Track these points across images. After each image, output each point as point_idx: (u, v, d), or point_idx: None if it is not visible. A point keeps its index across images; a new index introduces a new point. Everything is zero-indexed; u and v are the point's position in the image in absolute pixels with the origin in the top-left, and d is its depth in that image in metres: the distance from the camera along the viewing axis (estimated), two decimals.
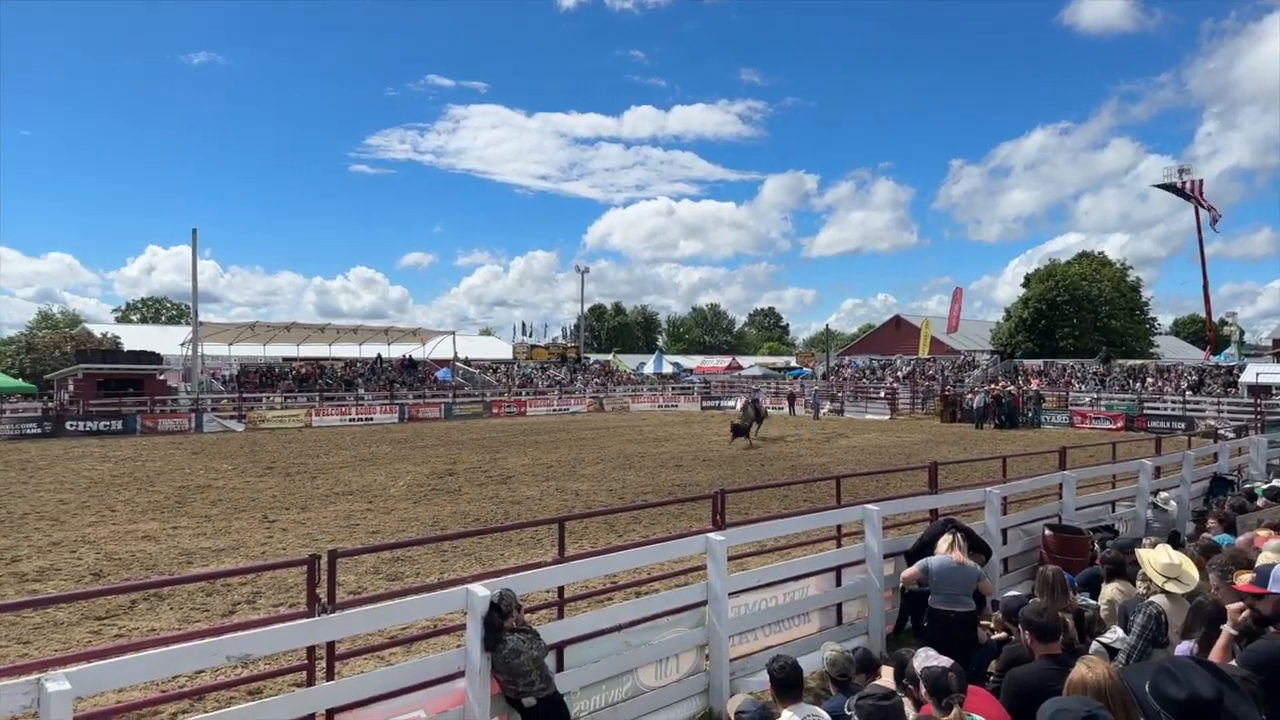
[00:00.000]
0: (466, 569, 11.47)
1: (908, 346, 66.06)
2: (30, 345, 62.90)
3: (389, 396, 45.30)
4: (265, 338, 49.71)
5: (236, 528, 14.59)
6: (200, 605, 9.83)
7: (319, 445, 30.01)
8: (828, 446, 28.88)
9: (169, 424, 36.21)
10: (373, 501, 17.37)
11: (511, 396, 49.35)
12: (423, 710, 5.17)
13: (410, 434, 34.81)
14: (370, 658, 7.40)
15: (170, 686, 6.85)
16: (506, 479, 20.60)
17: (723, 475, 20.85)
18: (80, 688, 3.84)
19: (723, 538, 7.03)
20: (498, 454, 26.36)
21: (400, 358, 53.94)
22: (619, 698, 6.42)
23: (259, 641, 4.42)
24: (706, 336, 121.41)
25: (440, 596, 5.36)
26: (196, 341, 42.58)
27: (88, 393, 39.15)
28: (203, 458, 25.99)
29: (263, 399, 42.10)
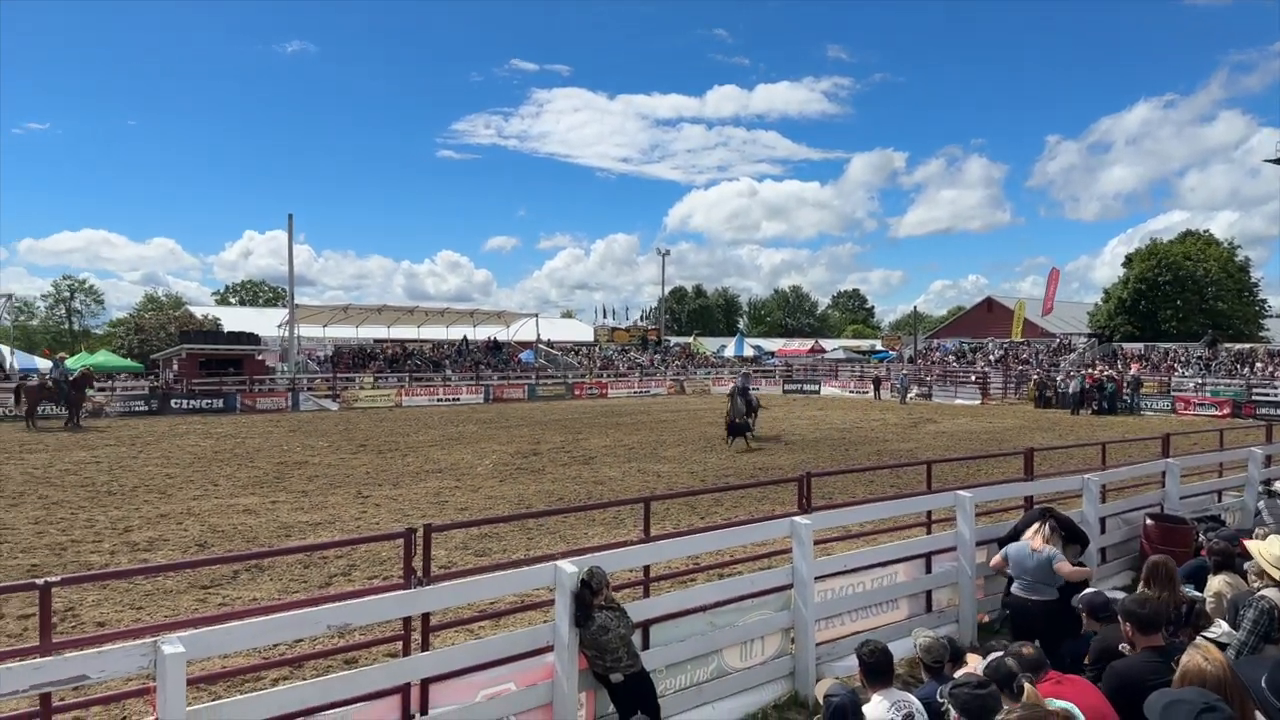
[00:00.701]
0: (551, 546, 11.63)
1: (1000, 329, 64.11)
2: (138, 326, 66.19)
3: (475, 377, 46.20)
4: (357, 320, 51.20)
5: (332, 503, 15.10)
6: (299, 577, 10.21)
7: (409, 424, 30.81)
8: (914, 431, 28.30)
9: (267, 403, 37.65)
10: (460, 479, 17.75)
11: (593, 378, 49.77)
12: (513, 683, 5.27)
13: (495, 414, 35.44)
14: (460, 630, 7.55)
15: (271, 654, 7.13)
16: (589, 459, 20.80)
17: (805, 459, 20.64)
18: (193, 651, 4.03)
19: (809, 521, 6.97)
20: (580, 435, 26.63)
21: (485, 340, 54.92)
22: (704, 678, 6.44)
23: (358, 611, 4.57)
24: (788, 319, 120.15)
25: (529, 572, 5.45)
26: (293, 323, 44.10)
27: (191, 372, 40.98)
28: (299, 435, 26.95)
29: (355, 379, 43.41)
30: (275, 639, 4.76)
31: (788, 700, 6.90)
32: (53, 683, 3.87)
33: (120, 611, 8.87)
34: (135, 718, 6.33)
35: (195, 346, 43.88)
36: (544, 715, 5.40)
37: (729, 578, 6.98)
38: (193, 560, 10.22)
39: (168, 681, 3.87)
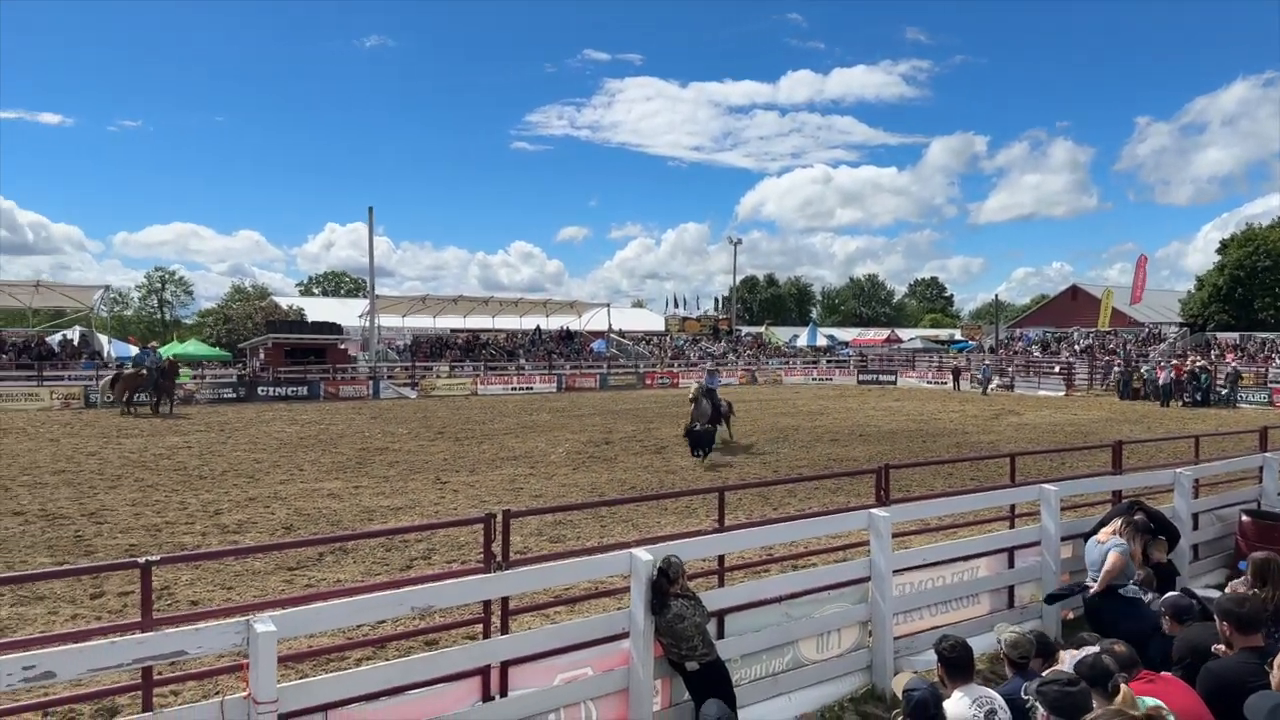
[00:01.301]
0: (624, 535, 11.70)
1: (1085, 318, 61.94)
2: (226, 316, 68.70)
3: (547, 366, 46.70)
4: (435, 310, 52.22)
5: (412, 488, 15.46)
6: (381, 560, 10.48)
7: (484, 412, 31.33)
8: (995, 423, 27.61)
9: (349, 390, 38.69)
10: (534, 467, 17.98)
11: (664, 368, 49.82)
12: (589, 667, 5.33)
13: (568, 403, 35.77)
14: (535, 615, 7.66)
15: (355, 634, 7.34)
16: (660, 449, 20.84)
17: (881, 451, 20.32)
18: (283, 630, 4.18)
19: (887, 514, 6.87)
20: (651, 424, 26.70)
21: (558, 329, 55.44)
22: (779, 668, 6.41)
23: (441, 594, 4.68)
24: (863, 308, 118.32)
25: (605, 559, 5.50)
26: (373, 313, 45.20)
27: (277, 360, 42.36)
28: (380, 422, 27.64)
29: (433, 368, 44.29)
30: (361, 619, 4.90)
31: (864, 694, 6.83)
32: (154, 657, 4.06)
33: (212, 591, 9.23)
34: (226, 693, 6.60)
35: (281, 336, 45.32)
36: (620, 701, 5.45)
37: (802, 569, 6.93)
38: (280, 542, 10.61)
39: (260, 658, 4.02)
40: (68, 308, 43.31)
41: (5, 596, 8.77)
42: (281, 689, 4.16)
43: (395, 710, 4.63)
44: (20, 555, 10.76)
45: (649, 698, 5.46)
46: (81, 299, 42.59)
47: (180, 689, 6.22)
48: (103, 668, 3.95)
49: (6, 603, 8.64)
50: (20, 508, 13.44)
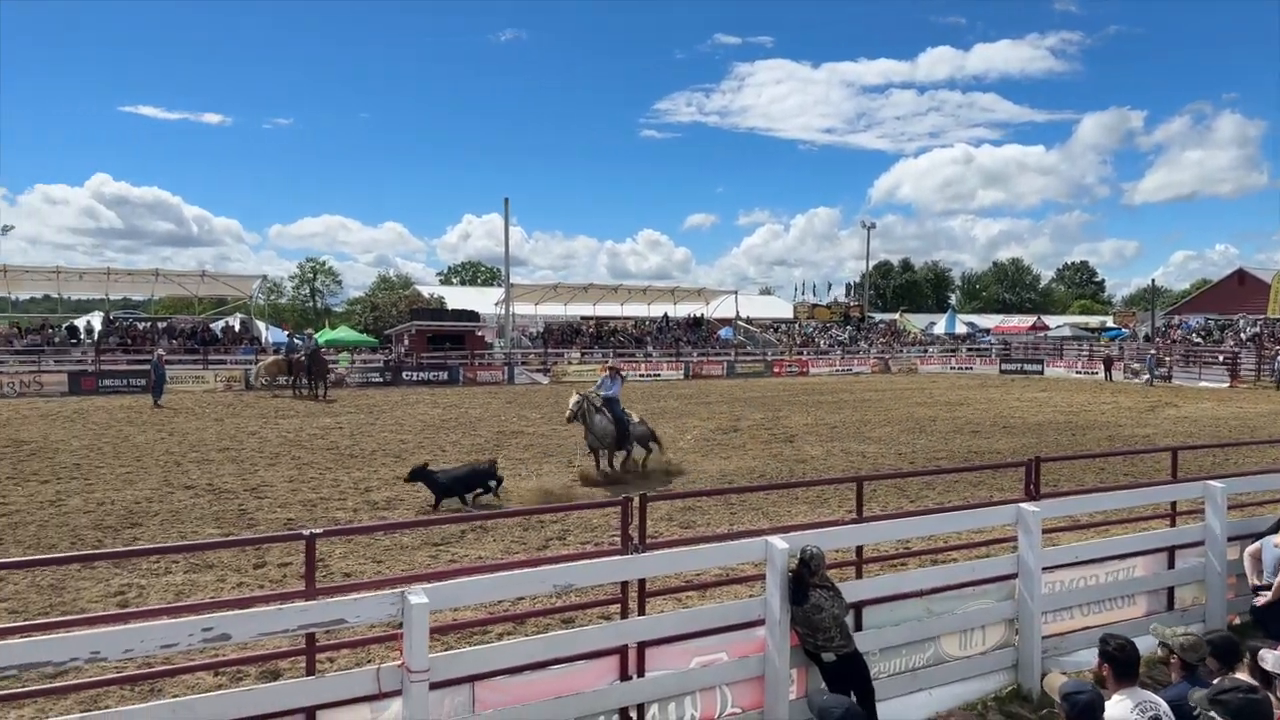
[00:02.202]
0: (754, 522, 11.64)
1: (1253, 305, 57.25)
2: (373, 305, 72.15)
3: (675, 354, 46.88)
4: (566, 298, 53.26)
5: (546, 470, 15.85)
6: (518, 539, 10.81)
7: None
8: (1151, 416, 25.95)
9: (486, 375, 39.97)
10: (663, 452, 18.08)
11: (793, 356, 49.18)
12: (725, 653, 5.34)
13: (695, 390, 35.82)
14: (667, 599, 7.73)
15: (495, 610, 7.59)
16: (790, 438, 20.60)
17: (1026, 444, 19.43)
18: (435, 602, 4.36)
19: (1037, 509, 6.57)
20: (780, 412, 26.42)
21: (685, 317, 55.53)
22: (920, 663, 6.25)
23: (581, 573, 4.78)
24: (1006, 294, 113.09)
25: (741, 545, 5.49)
26: (508, 301, 46.50)
27: (420, 346, 44.18)
28: (515, 406, 28.45)
29: (564, 354, 45.21)
30: (505, 595, 5.07)
31: (1009, 693, 6.58)
32: (317, 624, 4.31)
33: (363, 564, 9.74)
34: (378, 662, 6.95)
35: (423, 323, 47.23)
36: (755, 687, 5.44)
37: (942, 564, 6.73)
38: (426, 519, 11.09)
39: (414, 629, 4.21)
40: (229, 296, 46.44)
41: (179, 564, 9.51)
42: (432, 659, 4.35)
43: (537, 685, 4.77)
44: (191, 526, 11.65)
45: (785, 686, 5.43)
46: (241, 288, 45.59)
47: (335, 656, 6.58)
48: (271, 632, 4.23)
49: (180, 570, 9.37)
50: (190, 482, 14.54)
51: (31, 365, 33.18)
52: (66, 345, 36.84)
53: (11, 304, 44.09)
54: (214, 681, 6.40)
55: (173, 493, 13.64)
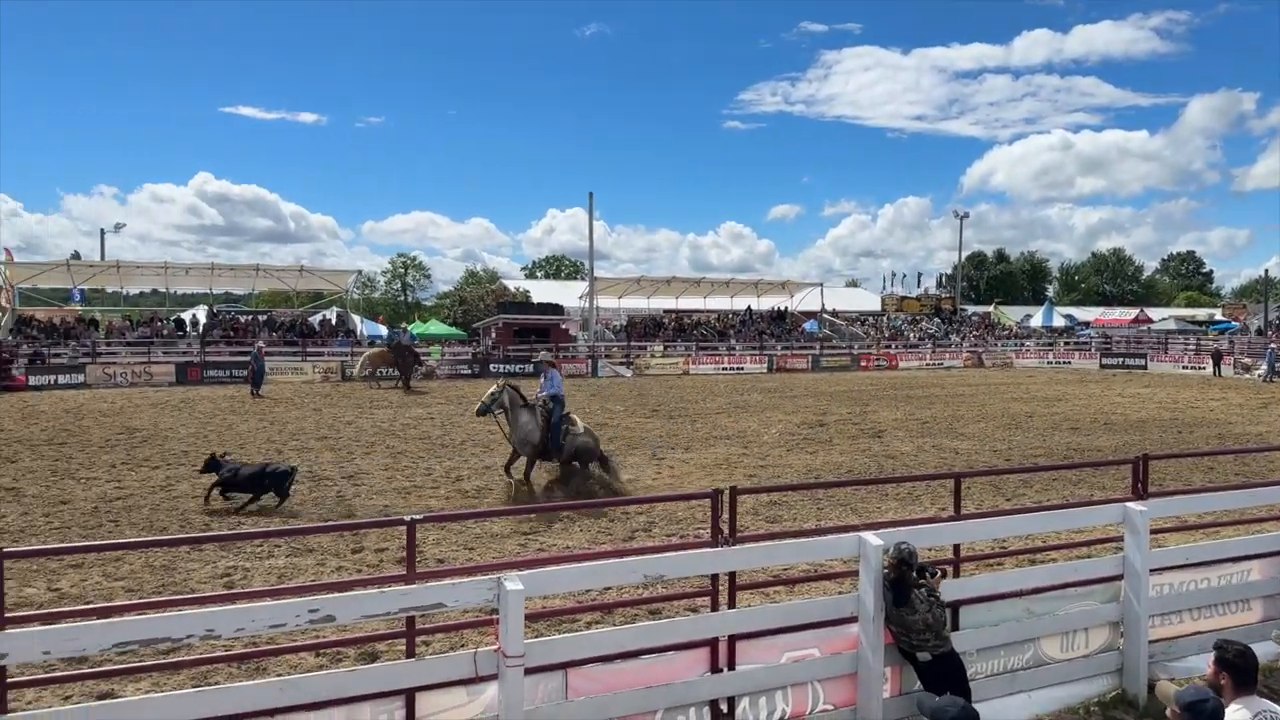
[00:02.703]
0: (842, 518, 11.48)
1: None
2: (461, 298, 73.63)
3: (758, 347, 46.54)
4: (649, 291, 53.41)
5: (630, 463, 15.93)
6: (604, 529, 10.89)
7: (696, 391, 31.71)
8: (1264, 414, 24.59)
9: (569, 368, 40.37)
10: (747, 447, 18.00)
11: (881, 349, 48.27)
12: (816, 649, 5.28)
13: (779, 384, 35.49)
14: (755, 593, 7.69)
15: (584, 598, 7.68)
16: (879, 433, 20.22)
17: (1129, 441, 18.65)
18: (529, 589, 4.43)
19: (1144, 509, 6.29)
20: (868, 407, 25.96)
21: (769, 309, 55.04)
22: (1019, 665, 6.06)
23: (672, 564, 4.79)
24: (1107, 285, 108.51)
25: (835, 540, 5.41)
26: (592, 295, 46.89)
27: (506, 339, 44.93)
28: (599, 399, 28.67)
29: (647, 347, 45.36)
30: (597, 584, 5.11)
31: (1113, 698, 6.34)
32: (416, 608, 4.43)
33: (455, 550, 9.96)
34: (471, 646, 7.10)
35: (510, 316, 48.02)
36: (848, 684, 5.37)
37: (1041, 564, 6.52)
38: (519, 508, 11.30)
39: (509, 615, 4.29)
40: (325, 290, 48.02)
41: (281, 547, 9.88)
42: (527, 645, 4.42)
43: (628, 674, 4.80)
44: (292, 511, 12.10)
45: (878, 684, 5.34)
46: (337, 282, 47.11)
47: (430, 640, 6.75)
48: (373, 615, 4.36)
49: (283, 553, 9.74)
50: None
51: (142, 356, 34.92)
52: (174, 337, 38.66)
53: (123, 298, 46.48)
54: (315, 662, 6.64)
55: None
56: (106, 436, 18.84)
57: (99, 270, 42.15)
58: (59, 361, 32.74)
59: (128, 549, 9.10)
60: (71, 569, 8.99)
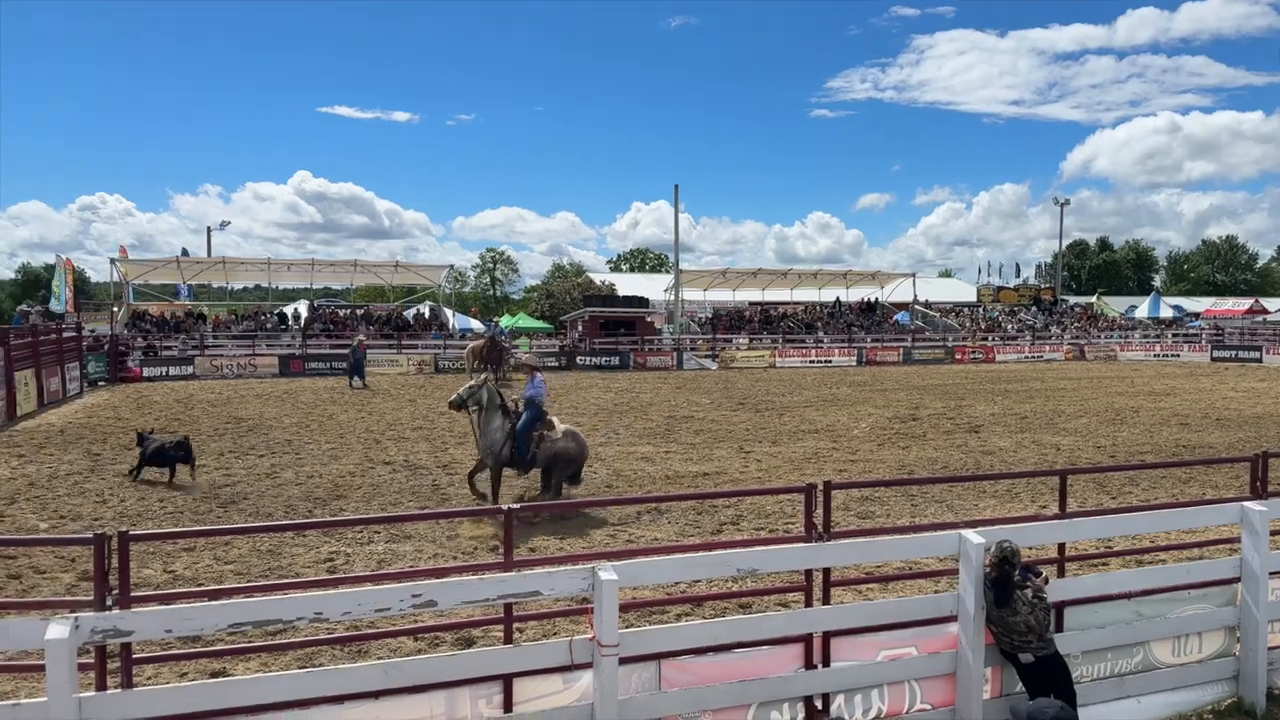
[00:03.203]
0: (938, 515, 11.23)
1: None
2: (549, 292, 74.57)
3: (847, 339, 45.78)
4: (734, 283, 53.13)
5: (717, 455, 15.90)
6: (692, 522, 10.90)
7: (783, 385, 31.41)
8: None
9: (655, 361, 40.50)
10: (837, 441, 17.75)
11: (976, 341, 46.89)
12: (914, 648, 5.18)
13: (869, 377, 34.86)
14: (846, 590, 7.59)
15: (673, 591, 7.69)
16: (975, 428, 19.68)
17: (1243, 438, 17.72)
18: (623, 579, 4.47)
19: (1264, 508, 5.97)
20: (963, 401, 25.28)
21: (858, 301, 54.08)
22: (1127, 669, 5.84)
23: (765, 559, 4.77)
24: (1218, 274, 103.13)
25: (934, 538, 5.30)
26: (678, 288, 46.93)
27: (593, 332, 45.33)
28: (684, 392, 28.68)
29: (732, 340, 45.13)
30: (689, 576, 5.12)
31: (1229, 706, 6.06)
32: (514, 595, 4.51)
33: (546, 540, 10.11)
34: (563, 634, 7.20)
35: (596, 310, 48.44)
36: (947, 684, 5.25)
37: (1149, 565, 6.25)
38: (608, 499, 11.39)
39: (604, 604, 4.33)
40: (418, 285, 49.29)
41: (381, 534, 10.20)
42: (620, 635, 4.46)
43: (721, 667, 4.79)
44: (390, 499, 12.48)
45: (978, 685, 5.21)
46: (430, 277, 48.27)
47: (523, 627, 6.87)
48: (473, 601, 4.47)
49: (382, 539, 10.05)
50: (389, 458, 15.56)
51: (247, 349, 36.45)
52: (277, 330, 40.21)
53: (229, 292, 48.62)
54: (414, 646, 6.83)
55: (373, 468, 14.66)
56: (215, 426, 19.76)
57: (206, 266, 44.17)
58: (170, 354, 34.40)
59: (236, 534, 9.52)
60: (184, 552, 9.46)
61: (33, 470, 14.30)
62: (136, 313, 39.87)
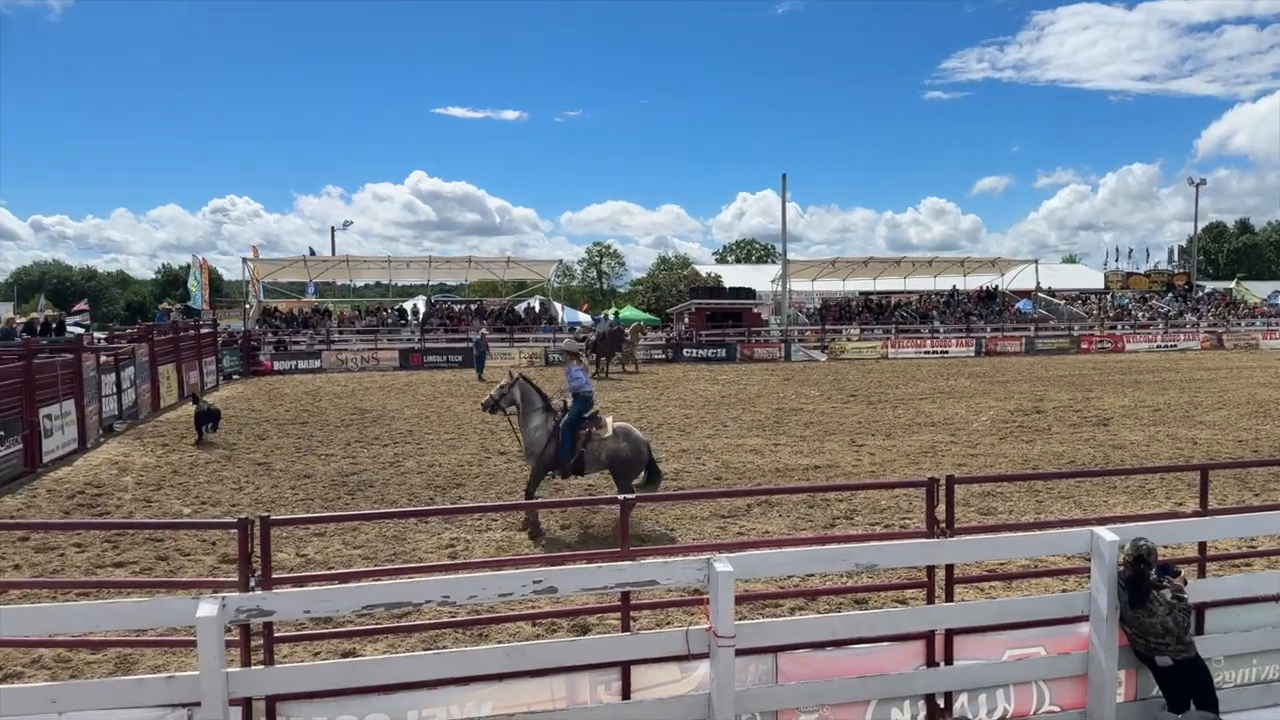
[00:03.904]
0: (1065, 512, 10.79)
1: None
2: (655, 285, 74.95)
3: (965, 329, 44.31)
4: (844, 273, 52.08)
5: (828, 448, 15.67)
6: (804, 515, 10.78)
7: (896, 376, 30.68)
8: None
9: (762, 352, 40.19)
10: (955, 434, 17.23)
11: (1104, 330, 44.69)
12: (1042, 648, 5.01)
13: (988, 368, 33.69)
14: (967, 587, 7.37)
15: (785, 584, 7.63)
16: (1104, 421, 18.77)
17: None
18: (739, 571, 4.48)
19: None
20: (1090, 393, 24.14)
21: (976, 289, 52.23)
22: (1275, 675, 5.48)
23: (887, 554, 4.68)
24: None
25: (1062, 535, 5.10)
26: (785, 278, 46.36)
27: (699, 324, 45.27)
28: (793, 384, 28.36)
29: (842, 330, 44.32)
30: (806, 570, 5.09)
31: None
32: (632, 583, 4.58)
33: (657, 530, 10.18)
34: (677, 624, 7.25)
35: (702, 301, 48.34)
36: (1077, 686, 5.06)
37: None
38: (718, 490, 11.39)
39: (720, 595, 4.35)
40: (528, 280, 50.24)
41: (498, 521, 10.48)
42: (737, 626, 4.46)
43: (839, 662, 4.74)
44: (505, 488, 12.82)
45: (1111, 688, 4.99)
46: (540, 272, 49.14)
47: (636, 616, 6.95)
48: (591, 588, 4.55)
49: (499, 527, 10.33)
50: (504, 448, 15.95)
51: (370, 343, 37.99)
52: (397, 325, 41.75)
53: (351, 289, 50.71)
54: (531, 631, 7.00)
55: (489, 457, 15.07)
56: (341, 416, 20.68)
57: (330, 265, 46.19)
58: (298, 348, 36.15)
59: (366, 519, 9.96)
60: (315, 537, 9.95)
61: (175, 459, 15.30)
62: (267, 309, 42.03)
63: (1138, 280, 57.29)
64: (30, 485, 13.31)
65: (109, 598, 7.17)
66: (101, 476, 13.87)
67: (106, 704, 4.20)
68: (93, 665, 6.62)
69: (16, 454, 13.77)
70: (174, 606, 4.51)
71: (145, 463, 14.96)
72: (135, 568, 9.00)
